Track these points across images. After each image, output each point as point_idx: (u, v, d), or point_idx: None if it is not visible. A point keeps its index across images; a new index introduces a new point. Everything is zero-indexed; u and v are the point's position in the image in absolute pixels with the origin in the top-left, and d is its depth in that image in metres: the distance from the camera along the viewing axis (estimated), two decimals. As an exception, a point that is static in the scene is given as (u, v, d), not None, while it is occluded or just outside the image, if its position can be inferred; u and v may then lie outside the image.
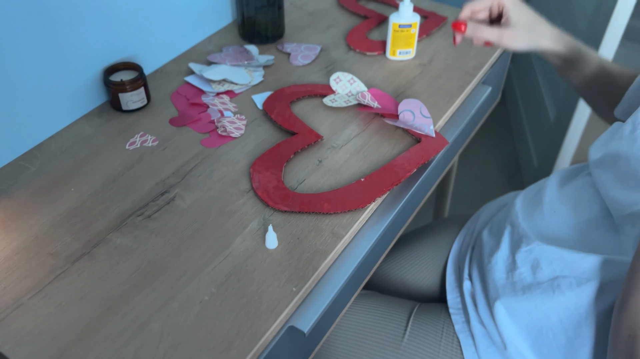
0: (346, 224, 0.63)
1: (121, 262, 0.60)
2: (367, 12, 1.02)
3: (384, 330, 0.77)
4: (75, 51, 0.74)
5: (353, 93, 0.81)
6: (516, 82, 1.95)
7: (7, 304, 0.56)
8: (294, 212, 0.64)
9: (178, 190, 0.68)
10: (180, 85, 0.85)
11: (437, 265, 0.87)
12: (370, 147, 0.74)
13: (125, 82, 0.77)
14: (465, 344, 0.73)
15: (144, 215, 0.65)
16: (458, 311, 0.77)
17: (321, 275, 0.60)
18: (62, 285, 0.58)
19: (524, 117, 1.87)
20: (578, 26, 1.45)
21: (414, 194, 0.70)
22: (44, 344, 0.52)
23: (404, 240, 0.94)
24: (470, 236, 0.86)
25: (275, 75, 0.87)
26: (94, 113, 0.80)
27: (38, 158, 0.73)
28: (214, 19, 0.96)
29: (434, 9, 1.03)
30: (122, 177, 0.70)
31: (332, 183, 0.69)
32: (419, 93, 0.83)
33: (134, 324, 0.54)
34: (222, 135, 0.76)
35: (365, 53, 0.91)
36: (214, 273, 0.58)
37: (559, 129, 1.53)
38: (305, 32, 0.98)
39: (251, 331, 0.53)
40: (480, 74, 0.87)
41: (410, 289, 0.88)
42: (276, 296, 0.56)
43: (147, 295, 0.56)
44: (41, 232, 0.63)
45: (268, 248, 0.61)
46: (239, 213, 0.65)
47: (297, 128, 0.76)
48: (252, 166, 0.70)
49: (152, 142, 0.75)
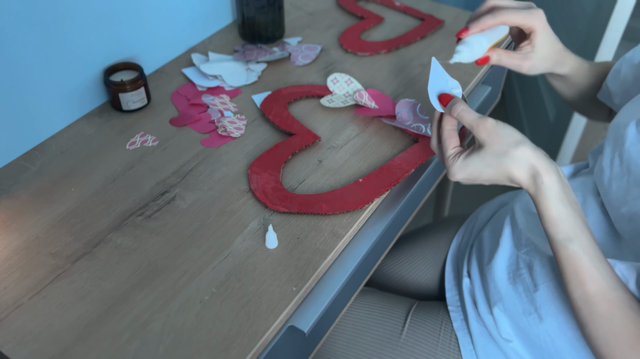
0: (346, 224, 0.63)
1: (121, 262, 0.60)
2: (365, 13, 1.02)
3: (382, 327, 0.77)
4: (75, 51, 0.74)
5: (350, 94, 0.82)
6: (516, 82, 1.95)
7: (8, 304, 0.56)
8: (294, 212, 0.64)
9: (178, 190, 0.68)
10: (180, 85, 0.85)
11: (436, 263, 0.87)
12: (370, 147, 0.74)
13: (125, 82, 0.77)
14: (463, 341, 0.73)
15: (144, 215, 0.65)
16: (457, 308, 0.77)
17: (321, 275, 0.60)
18: (63, 285, 0.58)
19: (523, 117, 1.87)
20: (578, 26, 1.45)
21: (413, 194, 0.70)
22: (45, 344, 0.53)
23: (403, 240, 0.94)
24: (469, 234, 0.86)
25: (275, 75, 0.87)
26: (94, 113, 0.80)
27: (38, 158, 0.73)
28: (214, 19, 0.96)
29: (432, 10, 1.03)
30: (122, 176, 0.70)
31: (332, 183, 0.69)
32: (419, 93, 0.83)
33: (134, 324, 0.54)
34: (222, 135, 0.76)
35: (357, 53, 0.91)
36: (214, 272, 0.59)
37: (558, 129, 1.53)
38: (305, 32, 0.98)
39: (251, 330, 0.53)
40: (480, 74, 0.87)
41: (409, 287, 0.89)
42: (276, 296, 0.56)
43: (148, 294, 0.57)
44: (42, 232, 0.63)
45: (268, 248, 0.61)
46: (239, 213, 0.65)
47: (294, 129, 0.76)
48: (250, 167, 0.70)
49: (153, 142, 0.75)
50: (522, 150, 0.53)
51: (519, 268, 0.69)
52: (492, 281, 0.71)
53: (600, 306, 0.52)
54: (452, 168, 0.57)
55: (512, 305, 0.68)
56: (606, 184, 0.61)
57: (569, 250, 0.53)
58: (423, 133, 0.74)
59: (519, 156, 0.53)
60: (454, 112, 0.57)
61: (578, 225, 0.53)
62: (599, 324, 0.53)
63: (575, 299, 0.54)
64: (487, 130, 0.54)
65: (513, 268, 0.70)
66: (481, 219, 0.87)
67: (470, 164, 0.56)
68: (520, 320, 0.68)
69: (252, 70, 0.87)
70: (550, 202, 0.53)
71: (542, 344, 0.66)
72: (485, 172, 0.55)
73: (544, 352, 0.67)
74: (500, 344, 0.71)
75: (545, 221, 0.54)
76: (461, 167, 0.56)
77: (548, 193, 0.53)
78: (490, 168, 0.55)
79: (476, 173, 0.56)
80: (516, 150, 0.53)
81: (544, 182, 0.52)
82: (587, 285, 0.52)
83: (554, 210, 0.53)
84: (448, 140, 0.58)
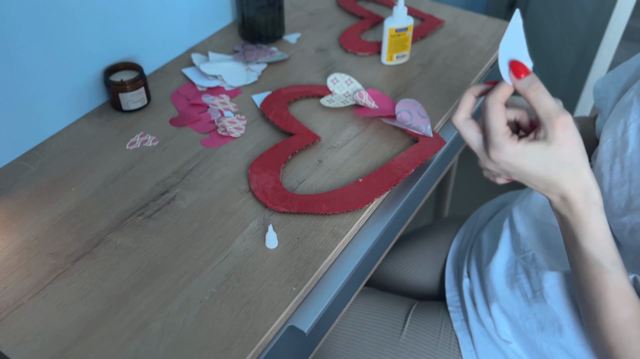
0: (346, 224, 0.63)
1: (121, 262, 0.60)
2: (365, 13, 1.02)
3: (382, 327, 0.77)
4: (75, 51, 0.74)
5: (350, 94, 0.82)
6: (516, 82, 1.95)
7: (8, 304, 0.56)
8: (294, 212, 0.64)
9: (178, 190, 0.68)
10: (180, 85, 0.85)
11: (436, 263, 0.87)
12: (370, 147, 0.74)
13: (125, 82, 0.77)
14: (463, 341, 0.73)
15: (144, 215, 0.65)
16: (457, 309, 0.77)
17: (321, 275, 0.60)
18: (63, 285, 0.58)
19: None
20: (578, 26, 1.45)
21: (413, 194, 0.70)
22: (45, 344, 0.53)
23: (403, 240, 0.94)
24: (469, 235, 0.86)
25: (275, 75, 0.87)
26: (94, 113, 0.80)
27: (38, 158, 0.73)
28: (214, 19, 0.96)
29: (432, 10, 1.03)
30: (122, 176, 0.70)
31: (332, 183, 0.69)
32: (419, 93, 0.83)
33: (134, 324, 0.54)
34: (222, 135, 0.76)
35: (357, 53, 0.91)
36: (214, 272, 0.58)
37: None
38: (305, 32, 0.98)
39: (251, 330, 0.53)
40: (480, 74, 0.87)
41: (409, 287, 0.89)
42: (276, 296, 0.56)
43: (147, 294, 0.57)
44: (41, 232, 0.63)
45: (268, 248, 0.61)
46: (239, 213, 0.65)
47: (294, 129, 0.76)
48: (250, 167, 0.70)
49: (153, 142, 0.75)
50: (584, 163, 0.47)
51: (517, 272, 0.69)
52: (490, 283, 0.71)
53: (633, 330, 0.49)
54: (504, 149, 0.47)
55: (510, 309, 0.68)
56: (606, 191, 0.59)
57: (613, 275, 0.49)
58: (423, 133, 0.74)
59: (580, 169, 0.47)
60: (533, 90, 0.46)
61: (615, 246, 0.49)
62: (629, 348, 0.50)
63: (607, 325, 0.50)
64: (565, 128, 0.46)
65: (511, 271, 0.70)
66: (481, 219, 0.87)
67: (529, 154, 0.47)
68: (517, 323, 0.68)
69: (252, 70, 0.87)
70: (601, 223, 0.48)
71: (542, 352, 0.66)
72: (536, 170, 0.47)
73: (543, 357, 0.66)
74: (500, 345, 0.71)
75: (590, 243, 0.49)
76: (519, 152, 0.47)
77: (599, 213, 0.48)
78: (546, 170, 0.47)
79: (527, 167, 0.48)
80: (582, 162, 0.47)
81: (595, 202, 0.48)
82: (624, 310, 0.49)
83: (603, 231, 0.48)
84: (500, 114, 0.48)
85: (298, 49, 0.93)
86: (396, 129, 0.77)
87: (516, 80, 0.48)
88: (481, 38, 0.96)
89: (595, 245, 0.49)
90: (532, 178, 0.48)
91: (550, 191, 0.49)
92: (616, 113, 0.59)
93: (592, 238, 0.49)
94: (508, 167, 0.48)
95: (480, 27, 0.99)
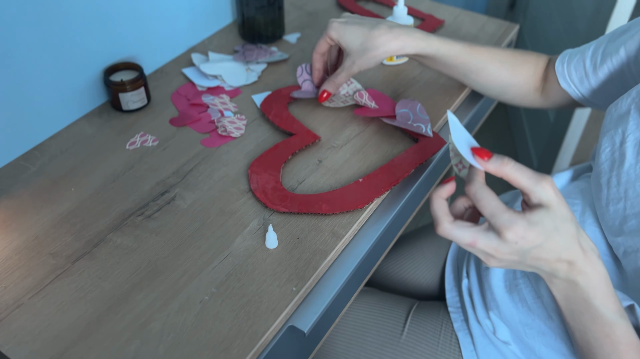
0: (346, 224, 0.63)
1: (121, 262, 0.60)
2: (365, 13, 1.02)
3: (383, 327, 0.77)
4: (75, 51, 0.74)
5: (350, 94, 0.82)
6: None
7: (8, 304, 0.56)
8: (294, 212, 0.64)
9: (178, 190, 0.68)
10: (180, 85, 0.85)
11: (436, 263, 0.87)
12: (370, 147, 0.74)
13: (125, 82, 0.77)
14: (463, 342, 0.73)
15: (144, 215, 0.65)
16: (457, 309, 0.77)
17: (321, 275, 0.60)
18: (63, 285, 0.58)
19: (523, 117, 1.87)
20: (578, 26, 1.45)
21: (413, 194, 0.70)
22: (45, 344, 0.53)
23: (404, 240, 0.94)
24: (470, 235, 0.86)
25: (275, 75, 0.87)
26: (94, 113, 0.80)
27: (38, 158, 0.73)
28: (214, 19, 0.96)
29: (432, 10, 1.03)
30: (122, 176, 0.70)
31: (332, 183, 0.69)
32: (419, 93, 0.83)
33: (134, 324, 0.54)
34: (222, 135, 0.76)
35: None
36: (214, 272, 0.58)
37: (558, 129, 1.53)
38: (305, 32, 0.98)
39: (251, 330, 0.53)
40: (480, 74, 0.87)
41: (410, 287, 0.89)
42: (276, 296, 0.56)
43: (147, 294, 0.57)
44: (41, 232, 0.63)
45: (268, 248, 0.61)
46: (239, 213, 0.65)
47: (294, 129, 0.76)
48: (250, 167, 0.70)
49: (152, 142, 0.75)
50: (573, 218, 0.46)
51: (516, 278, 0.68)
52: (489, 288, 0.71)
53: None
54: (517, 222, 0.44)
55: (509, 314, 0.68)
56: (603, 204, 0.58)
57: (622, 328, 0.47)
58: (423, 133, 0.74)
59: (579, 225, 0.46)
60: (505, 165, 0.46)
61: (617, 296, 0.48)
62: None
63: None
64: (554, 187, 0.45)
65: (510, 276, 0.69)
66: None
67: (539, 221, 0.44)
68: (517, 329, 0.67)
69: (252, 70, 0.87)
70: (606, 274, 0.47)
71: (541, 356, 0.66)
72: (551, 236, 0.45)
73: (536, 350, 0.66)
74: (499, 346, 0.71)
75: (602, 301, 0.47)
76: (531, 221, 0.44)
77: (603, 267, 0.47)
78: (557, 233, 0.45)
79: (542, 235, 0.44)
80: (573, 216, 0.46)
81: (598, 256, 0.47)
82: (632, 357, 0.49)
83: (608, 284, 0.47)
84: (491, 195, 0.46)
85: (298, 49, 0.93)
86: (396, 129, 0.77)
87: (485, 163, 0.47)
88: (481, 38, 0.96)
89: (606, 301, 0.47)
90: (546, 247, 0.45)
91: (561, 258, 0.46)
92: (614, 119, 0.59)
93: (603, 295, 0.47)
94: (525, 243, 0.44)
95: (480, 27, 0.99)
